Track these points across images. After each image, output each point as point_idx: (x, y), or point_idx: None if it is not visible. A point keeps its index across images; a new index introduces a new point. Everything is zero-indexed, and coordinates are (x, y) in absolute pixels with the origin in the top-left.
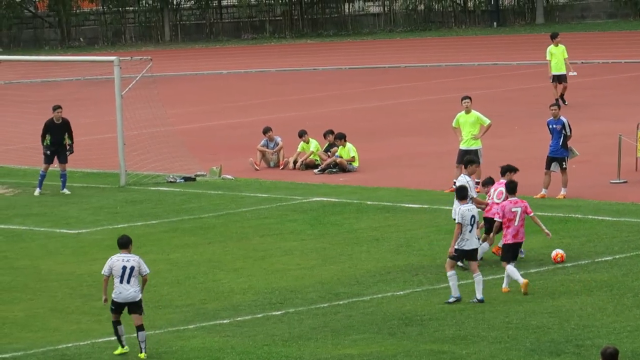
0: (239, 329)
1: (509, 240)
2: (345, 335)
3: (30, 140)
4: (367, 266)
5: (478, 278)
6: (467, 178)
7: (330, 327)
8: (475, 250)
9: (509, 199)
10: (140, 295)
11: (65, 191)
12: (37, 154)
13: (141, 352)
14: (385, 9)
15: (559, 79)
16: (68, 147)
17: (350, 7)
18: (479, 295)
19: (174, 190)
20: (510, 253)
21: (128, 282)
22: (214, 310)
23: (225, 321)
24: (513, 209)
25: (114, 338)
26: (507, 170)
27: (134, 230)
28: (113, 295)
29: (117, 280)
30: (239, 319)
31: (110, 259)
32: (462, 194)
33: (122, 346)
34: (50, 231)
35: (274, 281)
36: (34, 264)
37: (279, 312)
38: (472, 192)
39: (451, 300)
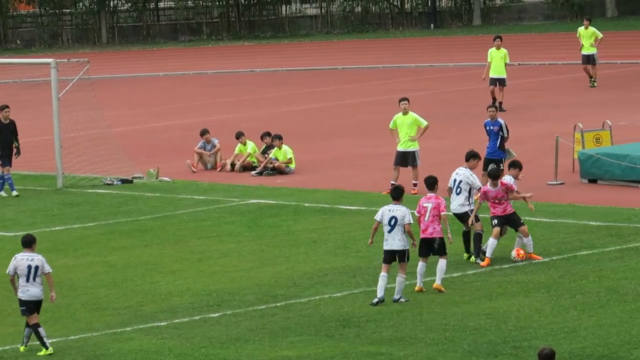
0: (176, 331)
1: (421, 235)
2: (282, 337)
3: None
4: (305, 268)
5: (400, 279)
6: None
7: (267, 329)
8: (396, 252)
9: (427, 194)
10: (43, 295)
11: (14, 193)
12: None
13: (48, 349)
14: (323, 10)
15: (497, 82)
16: (15, 150)
17: (288, 9)
18: (396, 296)
19: (111, 193)
20: (423, 248)
21: (34, 279)
22: (151, 313)
23: (162, 323)
24: (424, 204)
25: (51, 340)
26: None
27: (71, 233)
28: (20, 295)
29: (22, 280)
30: (176, 321)
31: (14, 258)
32: (394, 193)
33: (46, 348)
34: None
35: (211, 283)
36: None
37: (217, 314)
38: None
39: (375, 300)
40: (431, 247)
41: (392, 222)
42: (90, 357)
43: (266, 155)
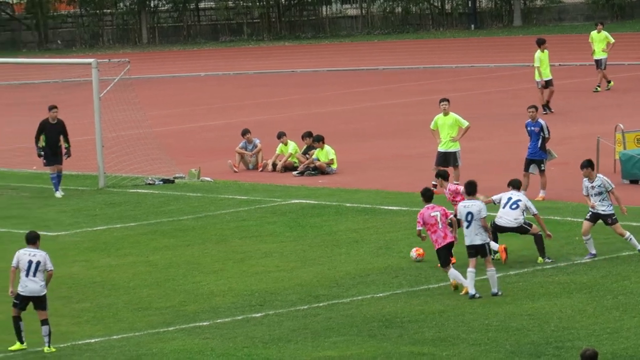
0: (218, 331)
1: (441, 244)
2: (325, 337)
3: (8, 142)
4: (347, 268)
5: (490, 272)
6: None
7: (310, 329)
8: (476, 247)
9: (426, 205)
10: (45, 291)
11: (59, 194)
12: (15, 156)
13: (47, 346)
14: (363, 11)
15: (546, 84)
16: (65, 151)
17: (328, 9)
18: (494, 289)
19: (152, 193)
20: (444, 257)
21: (34, 275)
22: (193, 313)
23: (204, 323)
24: (432, 214)
25: (94, 340)
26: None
27: (113, 233)
28: (19, 289)
29: (22, 274)
30: (218, 321)
31: (17, 252)
32: (469, 189)
33: (22, 342)
34: None
35: (253, 283)
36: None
37: (259, 314)
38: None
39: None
40: (451, 251)
41: (469, 218)
42: (132, 357)
43: (307, 156)
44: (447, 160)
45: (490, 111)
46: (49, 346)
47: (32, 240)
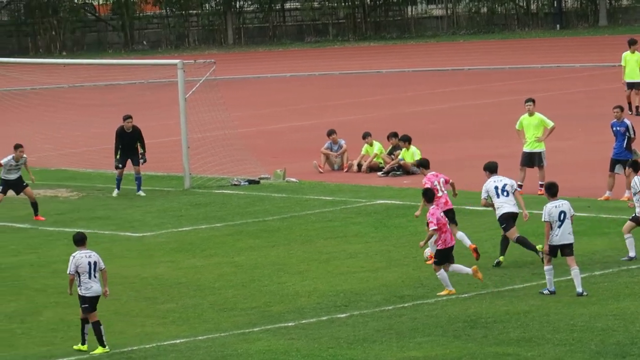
0: (303, 332)
1: (448, 244)
2: (410, 338)
3: (94, 144)
4: (432, 269)
5: (575, 272)
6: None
7: (395, 329)
8: (567, 246)
9: (431, 205)
10: (101, 290)
11: (141, 193)
12: (101, 157)
13: (84, 344)
14: (448, 11)
15: (633, 86)
16: (140, 156)
17: (413, 9)
18: (579, 289)
19: (238, 193)
20: (449, 257)
21: (95, 276)
22: (278, 313)
23: (290, 324)
24: (442, 214)
25: (179, 341)
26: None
27: (199, 233)
28: (83, 292)
29: (84, 277)
30: (303, 321)
31: (72, 257)
32: (552, 190)
33: (104, 346)
34: (115, 234)
35: (338, 284)
36: None
37: (344, 315)
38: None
39: (545, 292)
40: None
41: (562, 217)
42: (217, 358)
43: (392, 156)
44: (532, 160)
45: (575, 111)
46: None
47: (83, 241)
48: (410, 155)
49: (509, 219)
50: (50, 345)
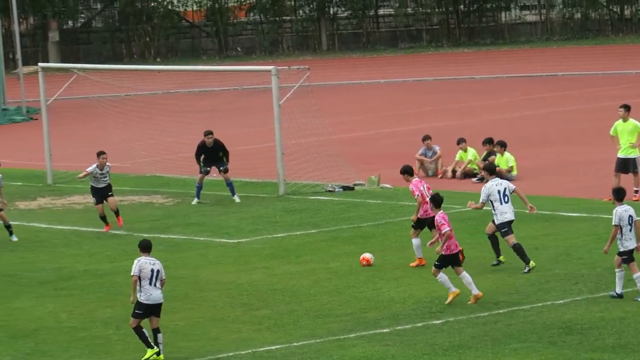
0: (399, 338)
1: (454, 250)
2: (505, 344)
3: (189, 150)
4: (527, 275)
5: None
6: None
7: (490, 336)
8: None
9: (438, 210)
10: (163, 298)
11: (236, 198)
12: (195, 164)
13: (160, 354)
14: (542, 17)
15: None
16: (221, 164)
17: (507, 15)
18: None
19: (332, 200)
20: (456, 261)
21: (156, 284)
22: (374, 319)
23: (385, 330)
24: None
25: (275, 347)
26: None
27: (293, 240)
28: (142, 299)
29: (145, 283)
30: (399, 327)
31: (137, 260)
32: (619, 195)
33: (152, 347)
34: (210, 240)
35: (433, 290)
36: (193, 274)
37: (439, 321)
38: None
39: (613, 294)
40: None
41: (631, 221)
42: None
43: (487, 162)
44: (626, 166)
45: None
46: (161, 354)
47: (149, 248)
48: (505, 161)
49: (509, 225)
50: (145, 352)
